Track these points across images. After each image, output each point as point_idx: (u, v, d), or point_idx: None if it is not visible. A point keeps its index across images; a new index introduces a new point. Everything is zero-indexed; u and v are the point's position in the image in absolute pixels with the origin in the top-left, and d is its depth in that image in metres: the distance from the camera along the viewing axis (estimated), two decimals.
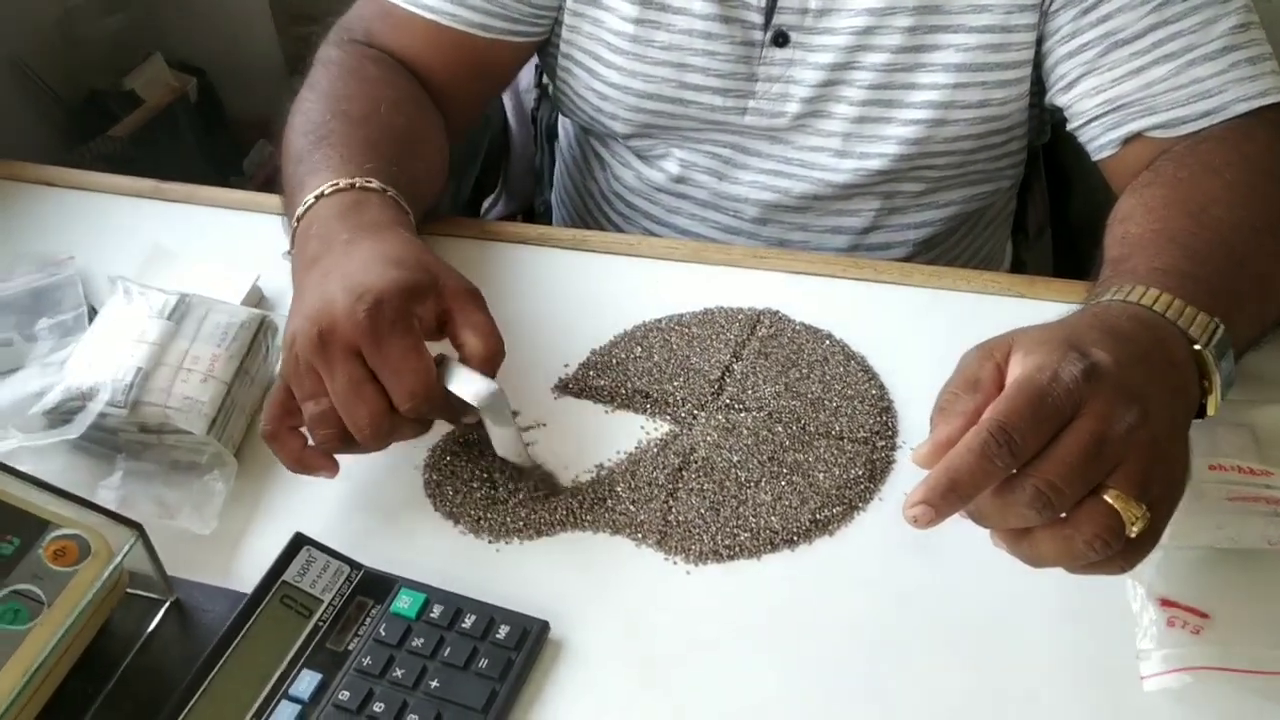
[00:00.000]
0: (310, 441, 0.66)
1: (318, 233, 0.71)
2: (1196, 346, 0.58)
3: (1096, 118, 0.81)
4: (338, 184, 0.73)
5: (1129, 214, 0.73)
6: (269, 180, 1.88)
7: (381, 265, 0.65)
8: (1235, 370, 0.61)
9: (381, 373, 0.63)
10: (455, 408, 0.66)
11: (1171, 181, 0.74)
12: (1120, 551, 0.51)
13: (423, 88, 0.89)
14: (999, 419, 0.50)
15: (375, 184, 0.73)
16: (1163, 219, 0.70)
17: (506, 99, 1.19)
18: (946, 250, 1.00)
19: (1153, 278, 0.62)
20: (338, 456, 0.67)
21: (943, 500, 0.49)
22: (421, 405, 0.63)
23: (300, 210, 0.73)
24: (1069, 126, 0.84)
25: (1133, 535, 0.51)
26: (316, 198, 0.72)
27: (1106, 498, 0.50)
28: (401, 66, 0.89)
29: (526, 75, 1.14)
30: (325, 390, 0.64)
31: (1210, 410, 0.59)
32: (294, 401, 0.66)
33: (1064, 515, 0.51)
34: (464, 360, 0.66)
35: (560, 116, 1.12)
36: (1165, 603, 0.60)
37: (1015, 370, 0.53)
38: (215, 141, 2.00)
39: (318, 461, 0.67)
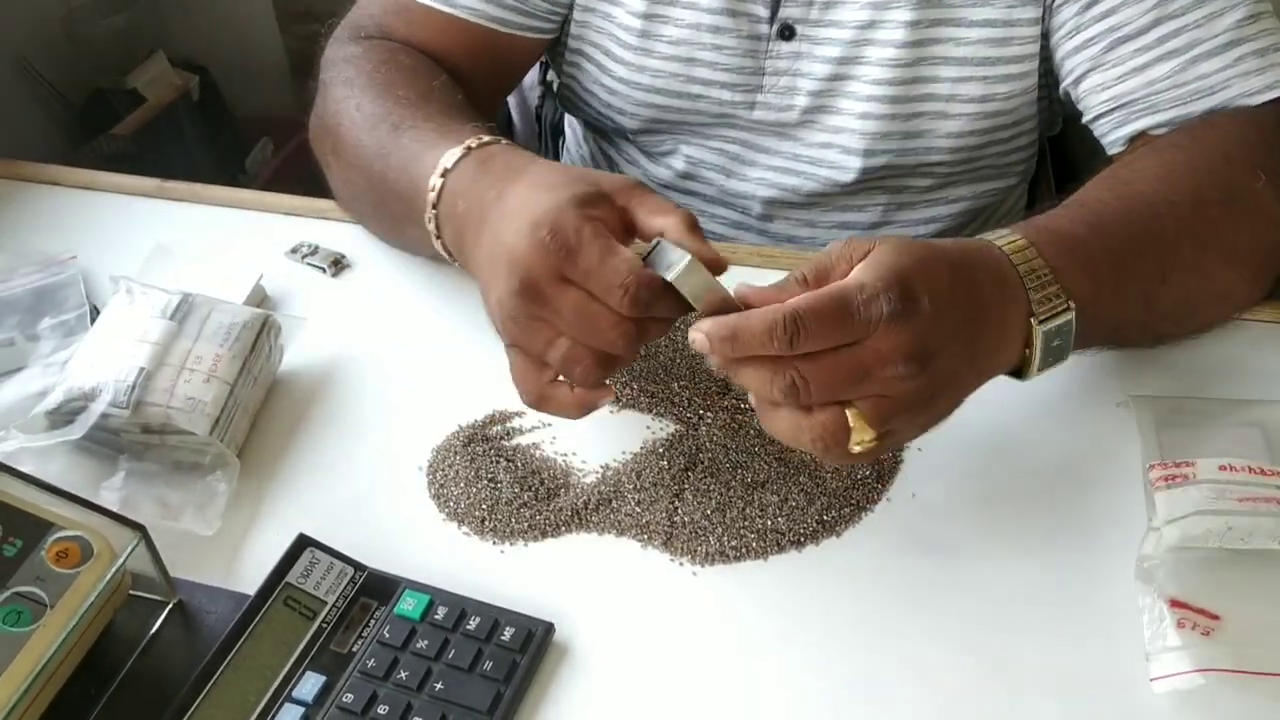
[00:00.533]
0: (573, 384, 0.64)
1: (464, 207, 0.68)
2: (1032, 319, 0.61)
3: (1103, 115, 0.80)
4: (455, 155, 0.70)
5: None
6: (272, 179, 1.88)
7: (541, 194, 0.62)
8: (1071, 346, 0.64)
9: (590, 284, 0.60)
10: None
11: (1120, 163, 0.76)
12: (838, 454, 0.58)
13: None
14: (797, 309, 0.55)
15: (487, 137, 0.71)
16: (1085, 190, 0.72)
17: (511, 97, 1.18)
18: None
19: (1032, 233, 0.65)
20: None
21: (720, 343, 0.56)
22: (642, 294, 0.59)
23: (432, 198, 0.70)
24: (1083, 120, 0.83)
25: (853, 451, 0.57)
26: (442, 177, 0.69)
27: (848, 411, 0.56)
28: (429, 58, 0.88)
29: (530, 73, 1.13)
30: (557, 332, 0.62)
31: (1028, 375, 0.63)
32: (537, 363, 0.64)
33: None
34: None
35: (568, 116, 1.12)
36: (1175, 604, 0.60)
37: (855, 275, 0.57)
38: (218, 140, 2.00)
39: (593, 396, 0.64)
